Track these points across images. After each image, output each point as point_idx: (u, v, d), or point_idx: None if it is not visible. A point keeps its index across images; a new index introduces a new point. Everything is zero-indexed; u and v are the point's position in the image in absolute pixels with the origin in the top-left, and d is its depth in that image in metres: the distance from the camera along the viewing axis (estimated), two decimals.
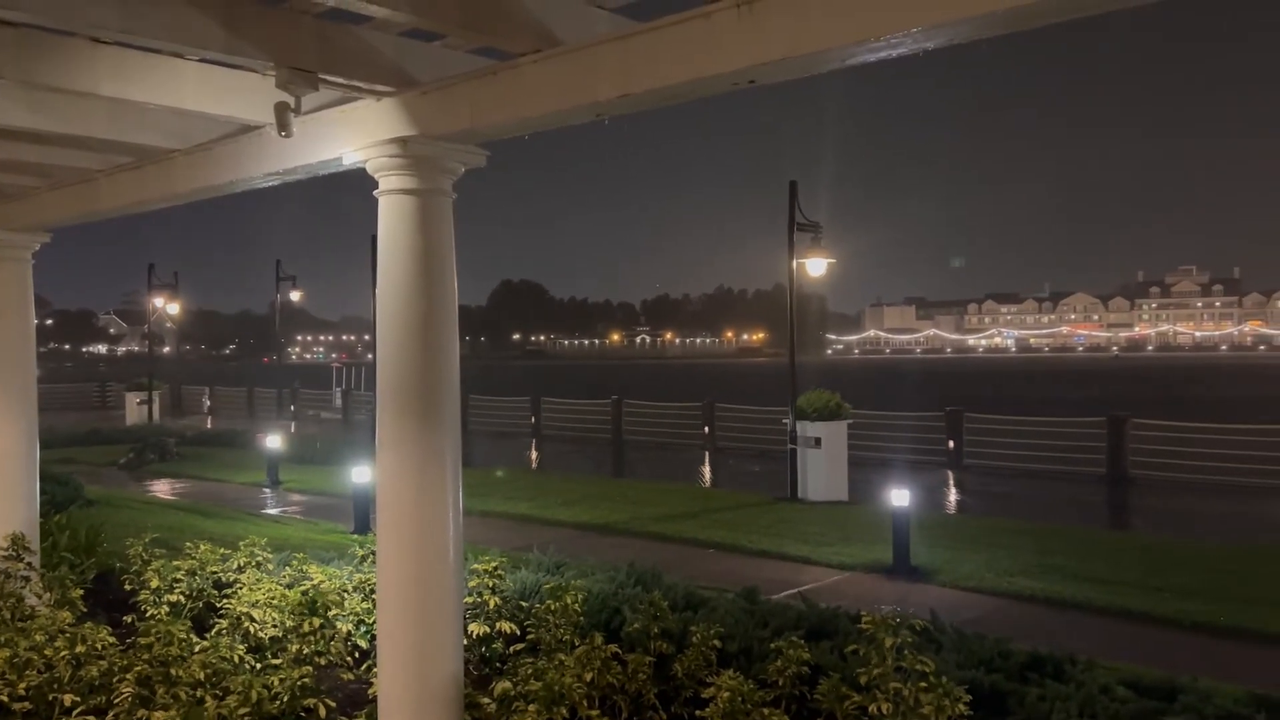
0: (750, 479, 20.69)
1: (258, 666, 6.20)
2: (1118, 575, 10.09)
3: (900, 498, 10.72)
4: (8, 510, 8.06)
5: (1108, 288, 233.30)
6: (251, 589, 6.96)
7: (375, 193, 5.05)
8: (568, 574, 7.86)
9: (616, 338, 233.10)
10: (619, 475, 23.49)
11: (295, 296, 35.93)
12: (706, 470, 23.77)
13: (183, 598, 7.35)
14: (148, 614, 7.11)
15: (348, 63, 4.61)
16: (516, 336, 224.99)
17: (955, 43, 3.33)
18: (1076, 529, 13.79)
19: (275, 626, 6.66)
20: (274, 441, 19.18)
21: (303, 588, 6.94)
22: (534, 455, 27.97)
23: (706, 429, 27.07)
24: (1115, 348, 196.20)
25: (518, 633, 6.42)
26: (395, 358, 5.01)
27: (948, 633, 6.29)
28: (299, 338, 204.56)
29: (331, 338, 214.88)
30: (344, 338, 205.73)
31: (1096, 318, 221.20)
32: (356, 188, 5.40)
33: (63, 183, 7.35)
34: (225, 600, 6.99)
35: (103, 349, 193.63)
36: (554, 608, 6.06)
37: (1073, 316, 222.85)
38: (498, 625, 6.50)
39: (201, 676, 5.49)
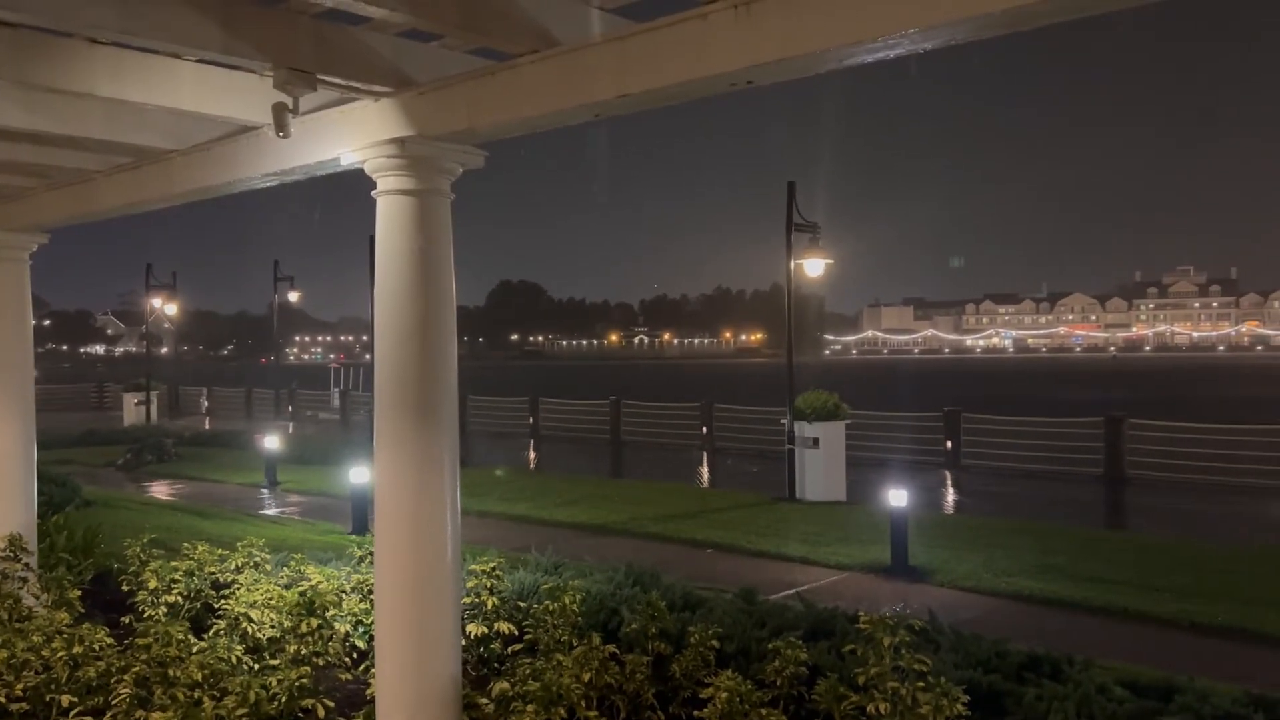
0: (748, 479, 20.70)
1: (256, 667, 6.20)
2: (1115, 575, 10.09)
3: (898, 498, 10.73)
4: (5, 511, 8.05)
5: (1105, 288, 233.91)
6: (249, 590, 6.95)
7: (373, 193, 5.05)
8: (566, 574, 7.86)
9: (615, 338, 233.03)
10: (617, 475, 23.49)
11: (293, 297, 35.89)
12: (704, 470, 23.78)
13: (180, 598, 7.34)
14: (145, 615, 7.10)
15: (346, 63, 4.61)
16: (515, 337, 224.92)
17: (953, 43, 3.34)
18: (1074, 529, 13.80)
19: (273, 627, 6.65)
20: (272, 442, 19.17)
21: (301, 588, 6.93)
22: (532, 456, 27.97)
23: (704, 429, 27.08)
24: (1113, 348, 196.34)
25: (516, 633, 6.42)
26: (393, 358, 5.01)
27: (945, 633, 6.30)
28: (297, 338, 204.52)
29: (329, 338, 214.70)
30: (342, 338, 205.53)
31: (1094, 318, 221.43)
32: (355, 188, 5.40)
33: (60, 183, 7.35)
34: (223, 601, 6.99)
35: (100, 350, 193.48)
36: (552, 608, 6.07)
37: (1070, 317, 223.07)
38: (496, 626, 6.51)
39: (199, 677, 5.49)
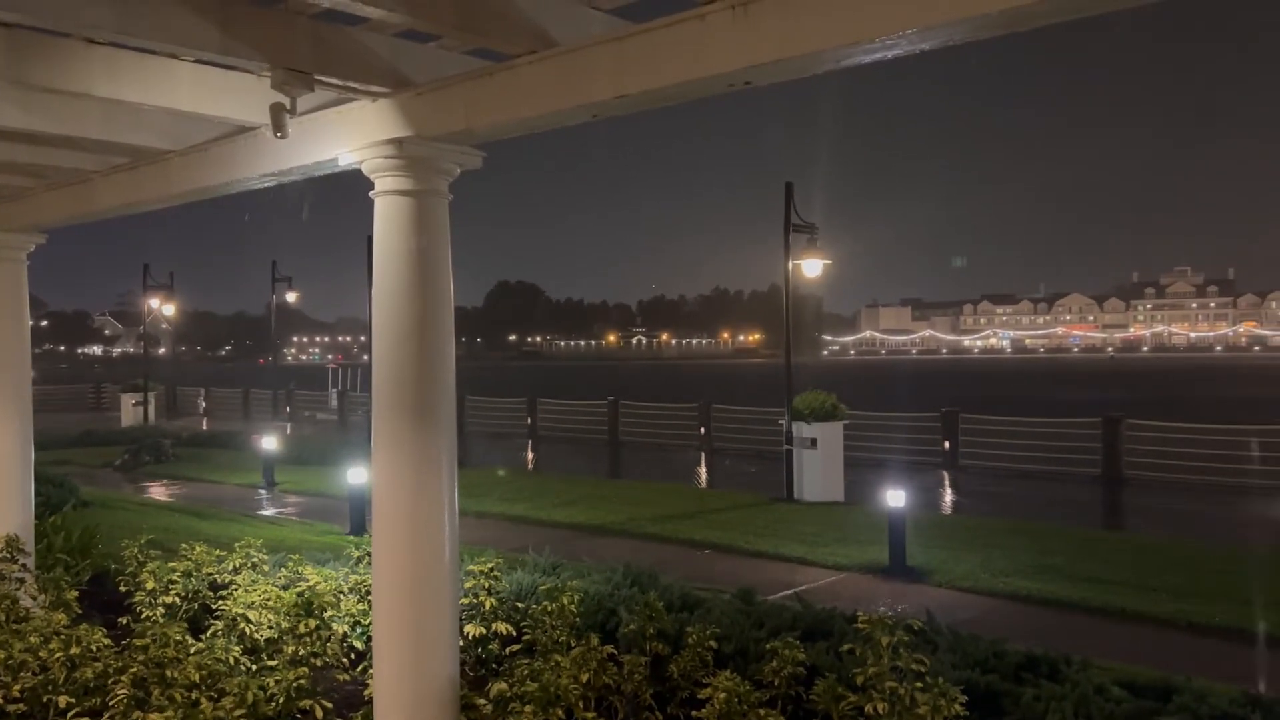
0: (746, 480, 20.70)
1: (253, 668, 6.20)
2: (1113, 575, 10.10)
3: (896, 498, 10.73)
4: (2, 512, 8.05)
5: (1103, 288, 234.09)
6: (247, 590, 6.95)
7: (371, 194, 5.04)
8: (564, 575, 7.85)
9: (613, 339, 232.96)
10: (615, 476, 23.48)
11: (291, 298, 35.89)
12: (702, 471, 23.78)
13: (178, 599, 7.34)
14: (143, 615, 7.10)
15: (343, 64, 4.61)
16: (513, 337, 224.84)
17: (950, 44, 3.34)
18: (1072, 529, 13.80)
19: (271, 628, 6.65)
20: (269, 443, 19.15)
21: (298, 589, 6.92)
22: (530, 456, 27.96)
23: (703, 430, 27.08)
24: (1110, 349, 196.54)
25: (514, 634, 6.42)
26: (391, 359, 5.01)
27: (943, 633, 6.29)
28: (295, 339, 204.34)
29: (327, 339, 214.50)
30: (340, 339, 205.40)
31: (1092, 318, 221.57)
32: (353, 189, 5.40)
33: (58, 183, 7.34)
34: (221, 602, 6.98)
35: (98, 350, 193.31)
36: (550, 609, 6.07)
37: (1068, 317, 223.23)
38: (494, 626, 6.51)
39: (197, 678, 5.48)
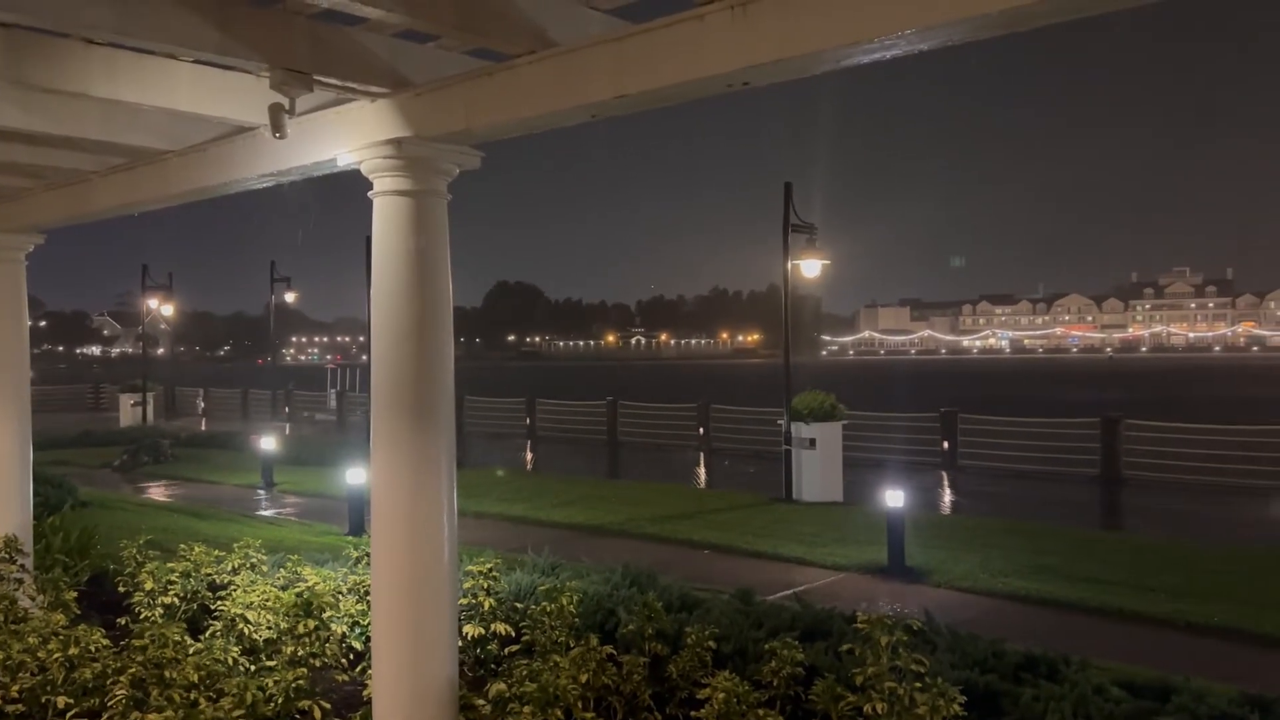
0: (745, 480, 20.71)
1: (252, 668, 6.19)
2: (1111, 575, 10.10)
3: (895, 498, 10.73)
4: (1, 512, 8.04)
5: (1102, 289, 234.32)
6: (246, 591, 6.94)
7: (370, 194, 5.04)
8: (563, 575, 7.85)
9: (612, 339, 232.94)
10: (614, 476, 23.50)
11: (290, 298, 35.88)
12: (701, 471, 23.80)
13: (177, 600, 7.33)
14: (142, 616, 7.09)
15: (342, 64, 4.60)
16: (512, 338, 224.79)
17: (949, 44, 3.34)
18: (1070, 529, 13.81)
19: (270, 628, 6.64)
20: (268, 443, 19.15)
21: (297, 589, 6.92)
22: (529, 456, 27.96)
23: (701, 430, 27.09)
24: (1109, 349, 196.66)
25: (513, 634, 6.42)
26: (390, 359, 5.00)
27: (942, 633, 6.30)
28: (293, 339, 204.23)
29: (326, 339, 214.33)
30: (339, 339, 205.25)
31: (1090, 319, 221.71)
32: (352, 189, 5.40)
33: (56, 184, 7.34)
34: (220, 602, 6.97)
35: (97, 350, 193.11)
36: (549, 609, 6.06)
37: (1067, 318, 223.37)
38: (493, 627, 6.50)
39: (196, 679, 5.47)
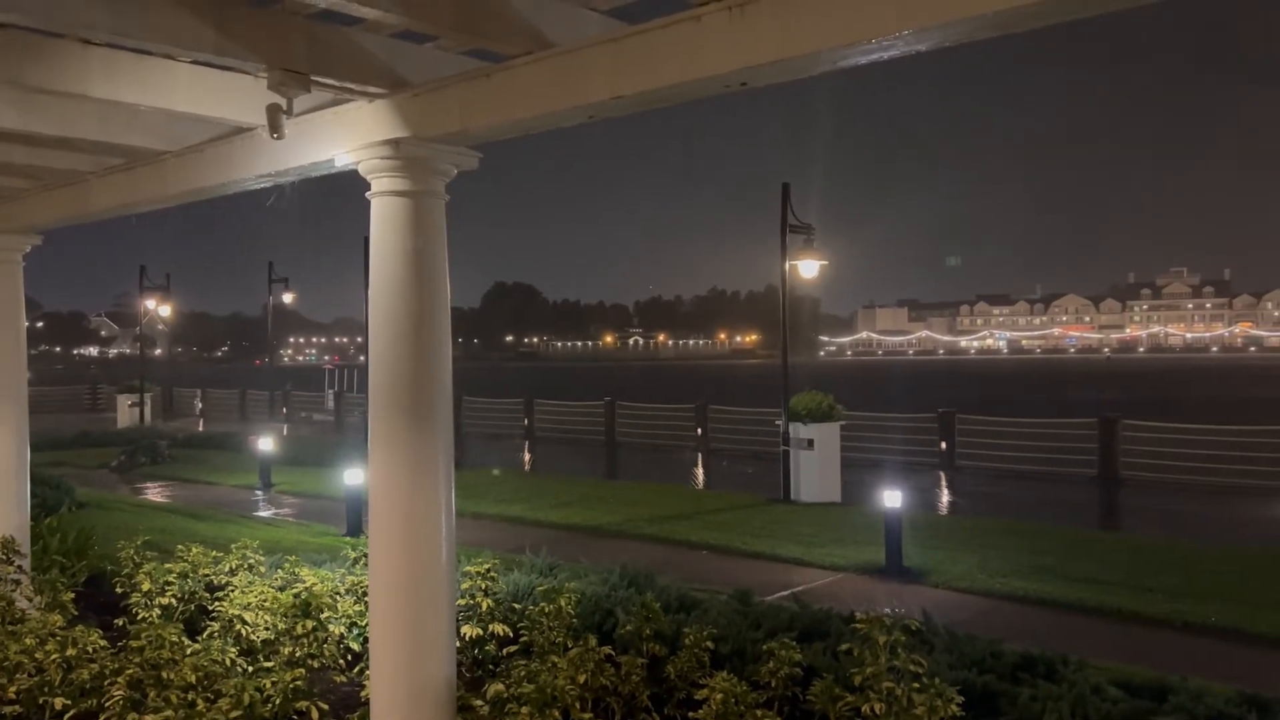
0: (743, 480, 20.70)
1: (250, 669, 6.18)
2: (1109, 576, 10.11)
3: (893, 499, 10.73)
4: None
5: (1099, 289, 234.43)
6: (244, 592, 6.94)
7: (367, 194, 5.04)
8: (561, 576, 7.85)
9: (610, 339, 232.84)
10: (612, 477, 23.48)
11: (288, 298, 35.87)
12: (699, 472, 23.80)
13: (174, 600, 7.33)
14: (139, 617, 7.08)
15: (340, 64, 4.60)
16: (510, 338, 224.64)
17: (946, 45, 3.34)
18: (1068, 530, 13.81)
19: (267, 629, 6.64)
20: (266, 444, 19.13)
21: (295, 590, 6.91)
22: (527, 457, 27.95)
23: (699, 430, 27.09)
24: (1107, 349, 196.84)
25: (511, 635, 6.42)
26: (388, 360, 5.00)
27: (940, 633, 6.30)
28: (291, 340, 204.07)
29: (324, 340, 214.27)
30: (336, 340, 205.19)
31: (1088, 319, 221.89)
32: (350, 189, 5.40)
33: (53, 184, 7.33)
34: (217, 603, 6.97)
35: (94, 351, 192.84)
36: (547, 610, 6.06)
37: (1064, 318, 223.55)
38: (491, 627, 6.50)
39: (193, 679, 5.47)
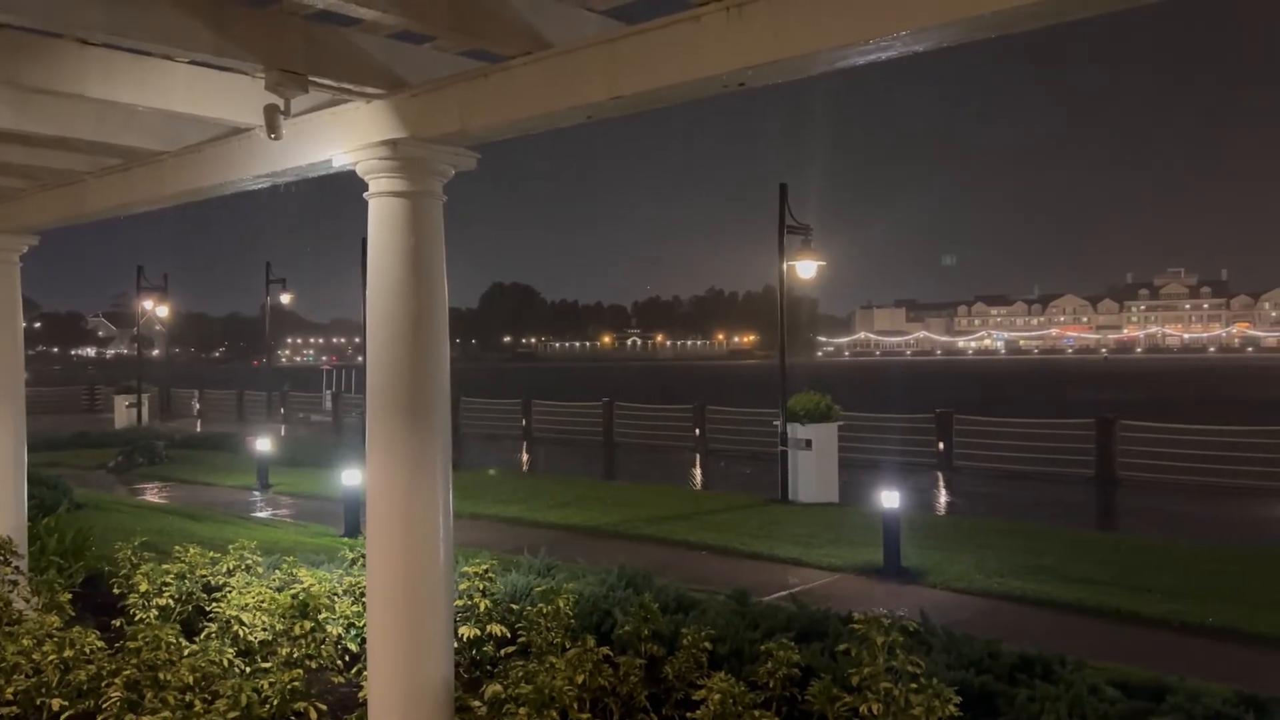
0: (741, 481, 20.71)
1: (247, 670, 6.17)
2: (1106, 576, 10.12)
3: (890, 499, 10.74)
4: None
5: (1097, 290, 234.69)
6: (241, 592, 6.93)
7: (365, 195, 5.04)
8: (559, 576, 7.85)
9: (608, 340, 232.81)
10: (610, 477, 23.49)
11: (285, 299, 35.85)
12: (697, 472, 23.80)
13: (172, 601, 7.31)
14: (136, 618, 7.07)
15: (337, 65, 4.60)
16: (508, 339, 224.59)
17: (944, 45, 3.35)
18: (1066, 530, 13.82)
19: (265, 630, 6.64)
20: (264, 444, 19.11)
21: (293, 591, 6.91)
22: (525, 458, 27.94)
23: (697, 431, 27.08)
24: (1104, 350, 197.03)
25: (508, 635, 6.41)
26: (385, 360, 5.00)
27: (938, 634, 6.30)
28: (289, 340, 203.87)
29: (321, 340, 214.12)
30: (334, 340, 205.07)
31: (1085, 320, 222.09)
32: (348, 190, 5.40)
33: (50, 185, 7.33)
34: (215, 604, 6.96)
35: (92, 352, 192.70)
36: (545, 610, 6.06)
37: (1062, 319, 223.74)
38: (488, 628, 6.50)
39: (190, 680, 5.47)
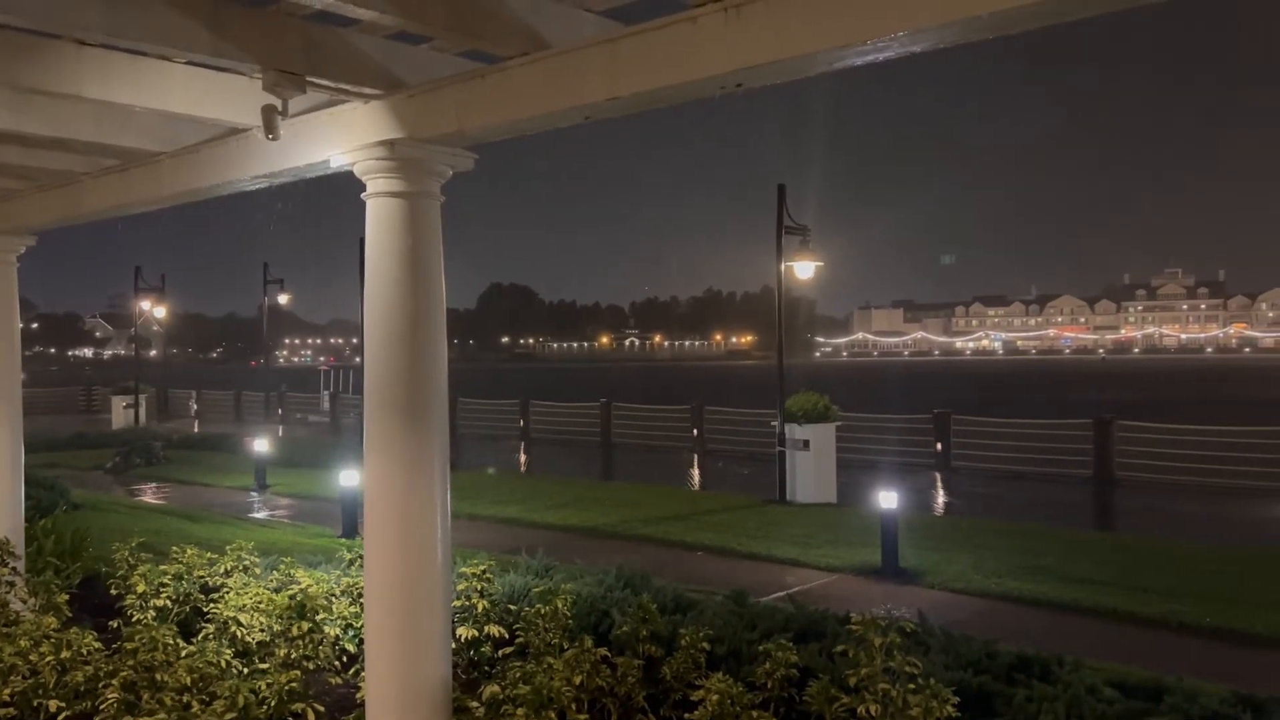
0: (739, 481, 20.71)
1: (245, 671, 6.17)
2: (1104, 576, 10.12)
3: (888, 500, 10.74)
4: None
5: (1094, 290, 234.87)
6: (239, 593, 6.92)
7: (363, 195, 5.03)
8: (556, 577, 7.85)
9: (605, 340, 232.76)
10: (608, 478, 23.48)
11: (283, 300, 35.83)
12: (695, 473, 23.80)
13: (169, 602, 7.31)
14: (134, 619, 7.06)
15: (335, 65, 4.60)
16: (505, 339, 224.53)
17: (941, 46, 3.35)
18: (1063, 530, 13.83)
19: (262, 631, 6.63)
20: (261, 445, 19.10)
21: (290, 592, 6.90)
22: (522, 458, 27.93)
23: (695, 431, 27.08)
24: (1102, 350, 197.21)
25: (506, 636, 6.41)
26: (383, 361, 5.00)
27: (936, 634, 6.30)
28: (286, 341, 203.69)
29: (319, 341, 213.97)
30: (332, 341, 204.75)
31: (1083, 320, 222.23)
32: (345, 190, 5.39)
33: (47, 185, 7.32)
34: (212, 605, 6.96)
35: (89, 353, 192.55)
36: (543, 611, 6.05)
37: (1059, 319, 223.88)
38: (486, 629, 6.49)
39: (188, 681, 5.46)
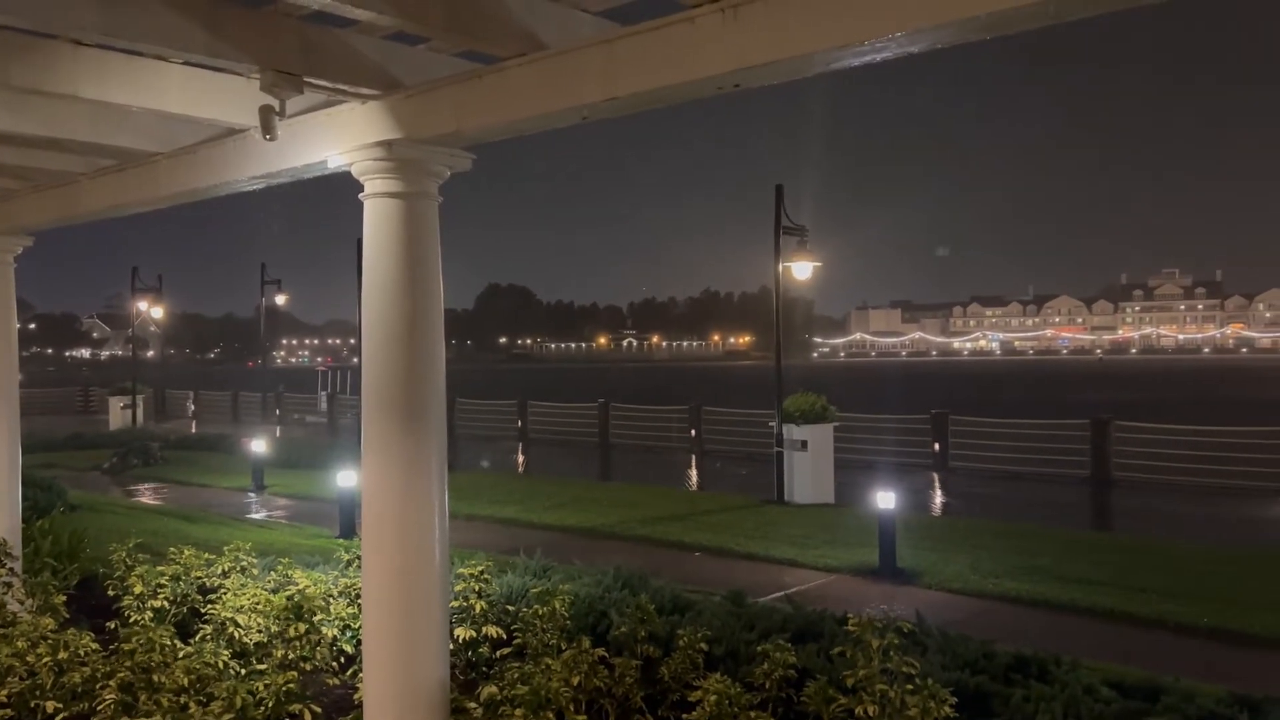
0: (737, 482, 20.71)
1: (242, 672, 6.17)
2: (1101, 576, 10.14)
3: (886, 500, 10.75)
4: None
5: (1091, 291, 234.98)
6: (236, 594, 6.92)
7: (360, 196, 5.03)
8: (554, 578, 7.85)
9: (603, 341, 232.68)
10: (606, 478, 23.48)
11: (280, 300, 35.81)
12: (693, 473, 23.79)
13: (166, 603, 7.30)
14: (131, 620, 7.06)
15: (332, 66, 4.60)
16: (503, 340, 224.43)
17: (939, 46, 3.35)
18: (1061, 531, 13.85)
19: (260, 632, 6.63)
20: (259, 446, 19.09)
21: (288, 593, 6.90)
22: (520, 459, 27.93)
23: (693, 432, 27.08)
24: (1099, 351, 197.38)
25: (504, 637, 6.41)
26: (381, 361, 5.00)
27: (933, 634, 6.31)
28: (284, 341, 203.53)
29: (317, 341, 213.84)
30: (329, 341, 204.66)
31: (1080, 320, 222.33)
32: (343, 191, 5.39)
33: (44, 185, 7.31)
34: (210, 605, 6.95)
35: (86, 353, 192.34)
36: (541, 612, 6.06)
37: (1057, 319, 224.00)
38: (484, 629, 6.49)
39: (185, 682, 5.45)
